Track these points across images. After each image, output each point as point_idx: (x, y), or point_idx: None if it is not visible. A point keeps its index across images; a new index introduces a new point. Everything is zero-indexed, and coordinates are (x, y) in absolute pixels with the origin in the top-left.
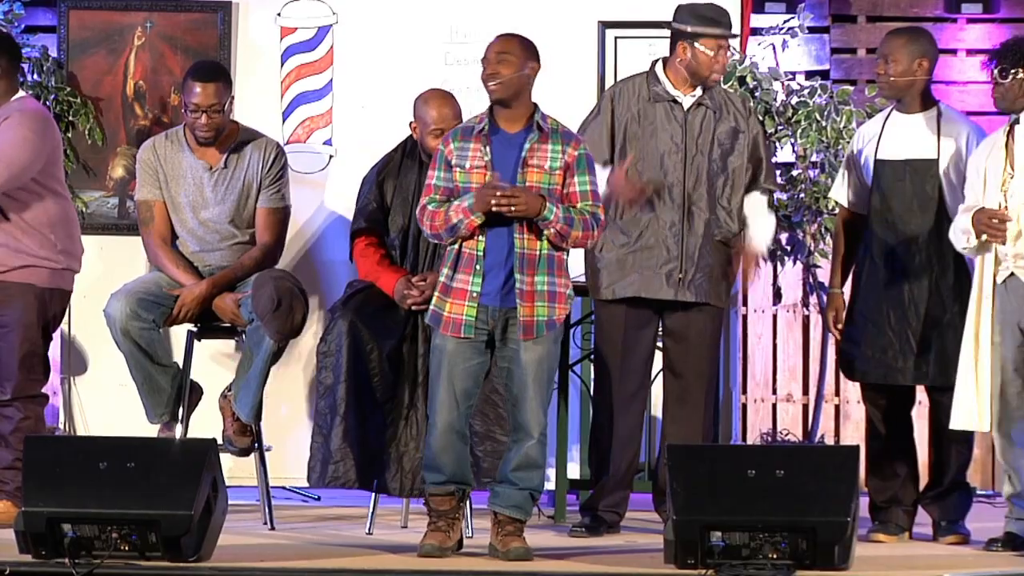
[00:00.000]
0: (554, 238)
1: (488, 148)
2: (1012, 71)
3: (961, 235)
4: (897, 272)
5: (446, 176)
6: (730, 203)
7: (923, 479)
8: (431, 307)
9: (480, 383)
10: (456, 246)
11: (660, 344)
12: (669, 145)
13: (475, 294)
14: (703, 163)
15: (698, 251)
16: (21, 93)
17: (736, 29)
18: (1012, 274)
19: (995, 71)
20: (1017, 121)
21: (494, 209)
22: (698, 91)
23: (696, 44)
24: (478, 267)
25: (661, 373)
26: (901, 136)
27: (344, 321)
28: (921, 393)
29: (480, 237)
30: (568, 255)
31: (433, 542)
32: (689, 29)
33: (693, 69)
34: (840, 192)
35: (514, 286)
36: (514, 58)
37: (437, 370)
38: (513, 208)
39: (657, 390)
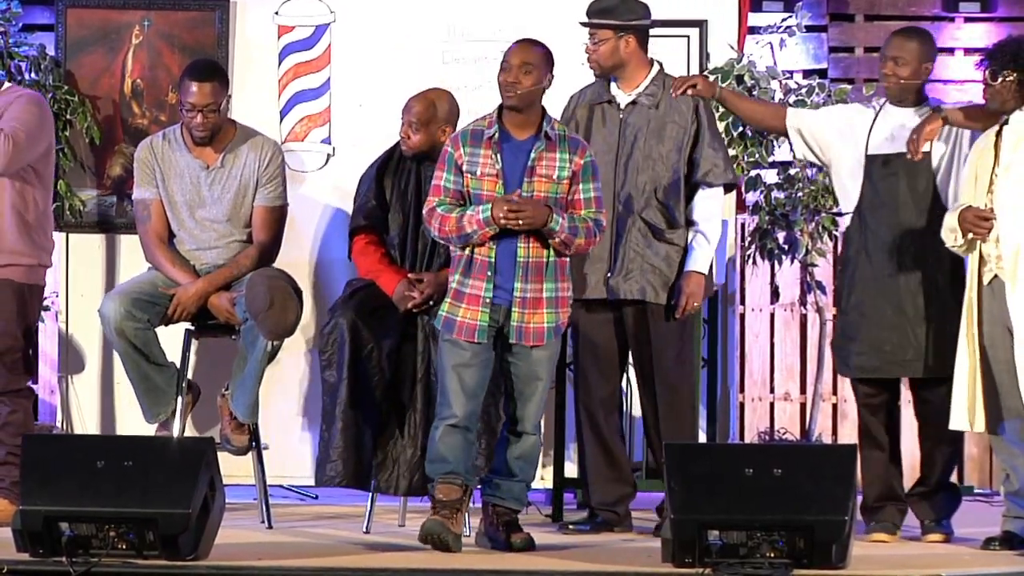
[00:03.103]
0: (559, 246)
1: (499, 156)
2: (1003, 72)
3: (949, 233)
4: (892, 266)
5: (456, 179)
6: (666, 199)
7: (911, 476)
8: (443, 313)
9: (487, 379)
10: (467, 252)
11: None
12: (602, 146)
13: (487, 299)
14: (637, 161)
15: (631, 249)
16: (8, 84)
17: (625, 19)
18: (995, 276)
19: (986, 72)
20: (1007, 122)
21: (501, 224)
22: (639, 88)
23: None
24: (490, 273)
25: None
26: (893, 131)
27: (345, 320)
28: (905, 392)
29: (491, 244)
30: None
31: (437, 519)
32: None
33: None
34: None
35: (514, 293)
36: (536, 71)
37: (447, 366)
38: (520, 222)
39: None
